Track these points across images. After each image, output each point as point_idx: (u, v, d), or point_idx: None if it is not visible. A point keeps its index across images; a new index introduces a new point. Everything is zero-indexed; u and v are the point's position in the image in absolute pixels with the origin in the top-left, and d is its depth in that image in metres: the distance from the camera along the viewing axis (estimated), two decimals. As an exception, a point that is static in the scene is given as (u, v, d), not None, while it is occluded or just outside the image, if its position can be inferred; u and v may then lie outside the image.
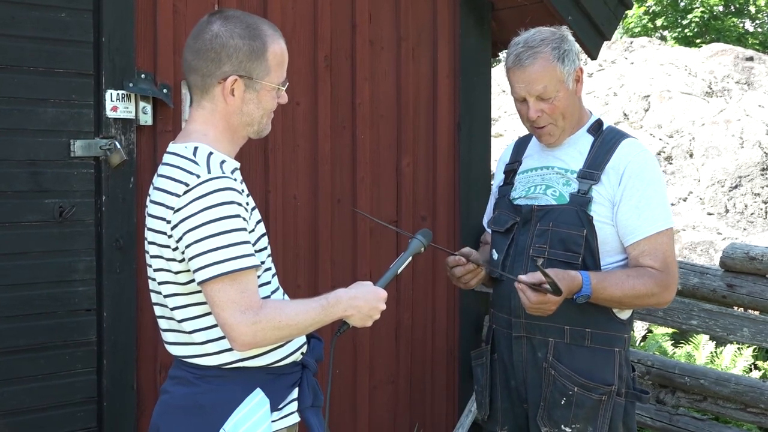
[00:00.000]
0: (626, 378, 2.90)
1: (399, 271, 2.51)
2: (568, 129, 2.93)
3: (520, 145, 3.17)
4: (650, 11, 21.19)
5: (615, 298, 2.79)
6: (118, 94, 3.18)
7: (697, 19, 19.85)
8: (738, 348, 6.46)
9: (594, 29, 4.22)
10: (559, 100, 2.86)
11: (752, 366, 6.44)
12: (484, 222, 3.28)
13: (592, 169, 2.87)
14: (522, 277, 2.70)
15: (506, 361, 3.00)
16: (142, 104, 3.24)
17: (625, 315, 2.92)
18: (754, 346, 6.41)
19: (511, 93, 2.95)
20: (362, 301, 2.31)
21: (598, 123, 2.99)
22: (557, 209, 2.86)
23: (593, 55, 4.36)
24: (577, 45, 2.95)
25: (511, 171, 3.10)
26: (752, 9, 21.34)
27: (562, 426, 2.85)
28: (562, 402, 2.84)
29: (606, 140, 2.92)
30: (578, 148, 2.94)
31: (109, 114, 3.17)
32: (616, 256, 2.88)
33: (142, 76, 3.24)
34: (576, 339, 2.86)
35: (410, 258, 2.55)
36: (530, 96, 2.87)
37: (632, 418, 2.93)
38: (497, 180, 3.19)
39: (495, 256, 3.02)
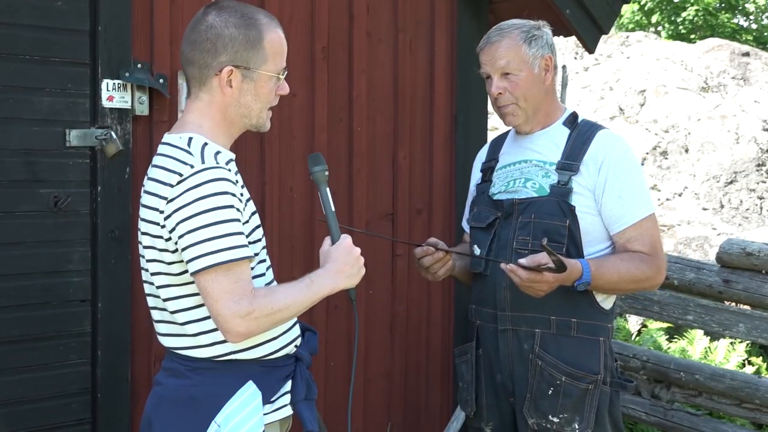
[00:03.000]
0: (611, 367, 2.94)
1: (333, 209, 2.42)
2: (532, 115, 2.98)
3: (496, 144, 3.21)
4: (644, 7, 21.18)
5: (612, 282, 2.83)
6: (114, 83, 3.16)
7: (691, 17, 19.85)
8: (731, 343, 6.47)
9: (592, 23, 4.21)
10: (522, 80, 2.93)
11: (745, 361, 6.45)
12: (464, 223, 3.28)
13: (571, 160, 2.92)
14: (521, 260, 2.70)
15: (492, 356, 3.02)
16: (138, 94, 3.22)
17: (608, 305, 2.95)
18: (747, 342, 6.42)
19: (480, 73, 3.01)
20: (343, 266, 2.31)
21: (574, 115, 3.05)
22: (539, 201, 2.89)
23: (591, 48, 4.35)
24: (551, 38, 3.06)
25: (488, 169, 3.13)
26: (750, 7, 21.33)
27: (550, 416, 2.86)
28: (550, 392, 2.86)
29: (582, 132, 2.97)
30: (554, 140, 2.99)
31: (105, 104, 3.15)
32: (598, 245, 2.91)
33: (139, 65, 3.22)
34: (562, 329, 2.89)
35: (327, 189, 2.43)
36: (494, 72, 2.95)
37: (617, 408, 2.97)
38: (474, 179, 3.21)
39: (477, 251, 3.02)
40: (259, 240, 2.31)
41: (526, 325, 2.91)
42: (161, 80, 3.25)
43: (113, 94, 3.16)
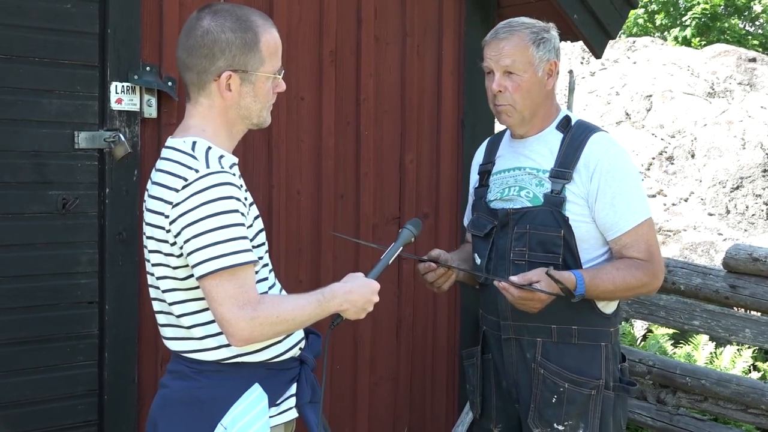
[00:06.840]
0: (613, 371, 2.92)
1: (390, 262, 2.49)
2: (528, 118, 2.93)
3: (493, 145, 3.17)
4: (649, 10, 21.12)
5: (608, 291, 2.83)
6: (123, 86, 3.17)
7: (697, 16, 19.66)
8: (737, 349, 6.47)
9: (599, 28, 4.22)
10: (524, 81, 2.88)
11: (751, 367, 6.45)
12: (465, 222, 3.28)
13: (564, 167, 2.87)
14: (513, 278, 2.73)
15: (497, 363, 3.03)
16: (146, 97, 3.23)
17: (609, 309, 2.94)
18: (754, 348, 6.42)
19: (482, 66, 2.96)
20: (357, 295, 2.30)
21: (567, 119, 2.98)
22: (533, 211, 2.87)
23: (598, 53, 4.35)
24: (558, 42, 2.98)
25: (485, 172, 3.11)
26: (758, 8, 21.22)
27: (555, 425, 2.86)
28: (553, 400, 2.86)
29: (575, 137, 2.92)
30: (548, 146, 2.94)
31: (114, 106, 3.16)
32: (596, 252, 2.90)
33: (148, 68, 3.23)
34: (563, 337, 2.89)
35: (401, 248, 2.53)
36: (497, 69, 2.89)
37: (619, 411, 2.95)
38: (472, 181, 3.19)
39: (477, 260, 3.03)
40: (263, 244, 2.32)
41: (528, 334, 2.92)
42: (170, 83, 3.26)
43: (122, 97, 3.17)
